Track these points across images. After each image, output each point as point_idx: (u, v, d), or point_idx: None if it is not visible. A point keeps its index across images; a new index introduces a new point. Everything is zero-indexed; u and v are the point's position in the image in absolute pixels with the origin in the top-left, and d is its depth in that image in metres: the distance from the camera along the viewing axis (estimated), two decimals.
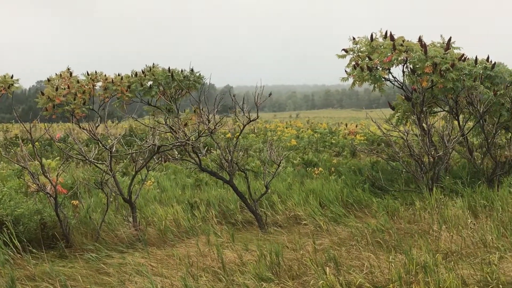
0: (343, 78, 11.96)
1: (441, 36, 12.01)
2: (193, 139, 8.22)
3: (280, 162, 9.15)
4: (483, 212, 8.56)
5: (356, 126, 20.66)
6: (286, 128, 23.51)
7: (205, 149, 9.02)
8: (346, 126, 22.53)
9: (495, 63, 11.53)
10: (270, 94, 8.93)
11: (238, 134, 9.54)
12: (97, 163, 8.28)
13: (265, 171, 9.28)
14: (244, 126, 8.97)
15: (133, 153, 8.47)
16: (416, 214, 8.52)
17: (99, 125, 12.96)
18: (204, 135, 8.32)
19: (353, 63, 11.71)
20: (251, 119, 8.86)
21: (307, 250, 6.97)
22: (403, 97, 12.06)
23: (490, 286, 5.42)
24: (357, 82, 11.66)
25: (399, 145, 11.14)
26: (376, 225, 7.76)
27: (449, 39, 11.54)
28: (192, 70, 18.78)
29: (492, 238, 6.93)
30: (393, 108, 12.54)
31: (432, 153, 9.97)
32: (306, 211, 9.04)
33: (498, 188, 9.76)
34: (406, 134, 10.28)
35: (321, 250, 6.90)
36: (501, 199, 8.90)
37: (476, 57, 11.65)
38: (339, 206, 9.23)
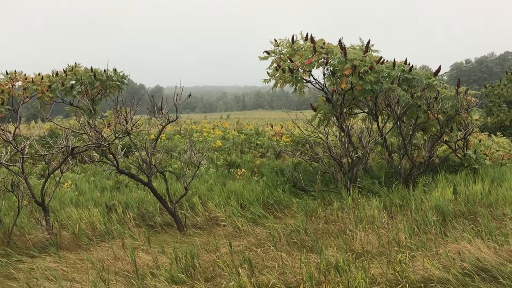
0: (265, 79, 12.01)
1: (360, 39, 12.25)
2: (110, 140, 8.03)
3: (199, 164, 9.06)
4: (399, 212, 8.77)
5: (282, 127, 20.83)
6: (213, 129, 23.43)
7: (123, 150, 8.80)
8: (272, 127, 22.69)
9: (412, 66, 11.85)
10: (189, 95, 8.82)
11: (158, 135, 9.40)
12: (9, 165, 7.96)
13: (185, 172, 9.17)
14: (163, 127, 8.84)
15: (45, 155, 8.16)
16: (333, 214, 8.65)
17: (18, 126, 12.49)
18: (120, 136, 8.14)
19: (275, 64, 11.78)
20: (170, 120, 8.75)
21: (224, 251, 6.94)
22: (325, 99, 12.21)
23: (400, 285, 5.53)
24: (279, 84, 11.71)
25: (323, 146, 11.27)
26: (294, 225, 7.82)
27: (368, 42, 11.78)
28: (115, 70, 18.43)
29: (405, 237, 7.10)
30: (315, 110, 12.68)
31: (351, 153, 10.14)
32: (226, 213, 9.01)
33: (413, 188, 10.04)
34: (326, 135, 10.43)
35: (238, 252, 6.88)
36: (416, 199, 9.16)
37: (394, 60, 11.93)
38: (259, 207, 9.25)
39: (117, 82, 18.10)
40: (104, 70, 18.23)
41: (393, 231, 7.35)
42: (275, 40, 12.04)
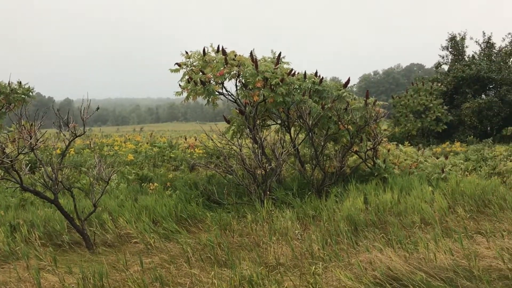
0: (177, 92, 11.82)
1: (272, 51, 12.33)
2: (13, 156, 7.62)
3: (109, 179, 8.77)
4: (312, 223, 8.82)
5: (196, 140, 20.65)
6: (125, 142, 22.93)
7: (28, 166, 8.38)
8: (186, 139, 22.47)
9: (322, 78, 12.05)
10: (97, 108, 8.53)
11: (64, 150, 9.03)
12: None
13: (93, 188, 8.85)
14: (70, 141, 8.50)
15: None
16: (248, 226, 8.59)
17: None
18: (25, 152, 7.76)
19: (187, 77, 11.63)
20: (78, 134, 8.43)
21: (135, 270, 6.72)
22: (238, 111, 12.19)
23: None
24: (191, 96, 11.57)
25: (236, 158, 11.22)
26: (207, 239, 7.69)
27: (279, 54, 11.87)
28: (20, 82, 17.66)
29: (318, 248, 7.13)
30: (228, 122, 12.64)
31: (265, 165, 10.15)
32: (138, 229, 8.75)
33: (326, 198, 10.16)
34: (240, 147, 10.39)
35: (150, 269, 6.68)
36: (328, 209, 9.26)
37: (305, 72, 12.09)
38: (172, 222, 9.06)
39: (22, 95, 17.33)
40: (8, 83, 17.42)
41: (306, 242, 7.36)
42: (186, 52, 11.91)
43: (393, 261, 6.33)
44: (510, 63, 32.25)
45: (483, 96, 31.04)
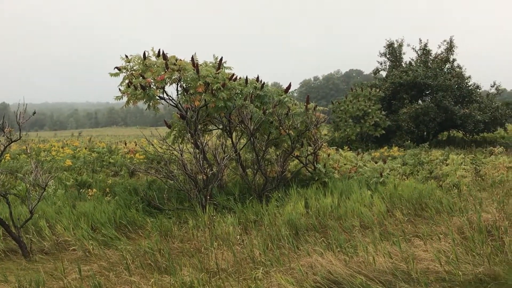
0: (117, 96, 11.60)
1: (213, 55, 12.30)
2: None
3: (46, 185, 8.53)
4: (253, 227, 8.81)
5: (136, 145, 20.38)
6: (63, 147, 22.37)
7: None
8: (126, 144, 22.14)
9: (264, 83, 12.09)
10: (34, 113, 8.31)
11: None
12: None
13: (30, 195, 8.59)
14: (6, 147, 8.23)
15: None
16: (189, 232, 8.51)
17: None
18: None
19: (127, 81, 11.44)
20: (13, 140, 8.17)
21: (73, 277, 6.55)
22: (179, 116, 12.08)
23: None
24: (132, 101, 11.39)
25: (178, 163, 11.11)
26: (147, 246, 7.58)
27: (221, 59, 11.85)
28: None
29: (259, 253, 7.13)
30: (169, 127, 12.51)
31: (206, 170, 10.09)
32: (76, 236, 8.54)
33: (267, 203, 10.17)
34: (181, 152, 10.30)
35: (89, 277, 6.53)
36: (269, 214, 9.27)
37: (246, 77, 12.11)
38: (111, 229, 8.88)
39: None
40: None
41: (247, 247, 7.35)
42: (126, 56, 11.73)
43: (334, 265, 6.39)
44: (445, 70, 33.23)
45: (420, 101, 31.89)
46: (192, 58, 11.55)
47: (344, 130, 28.82)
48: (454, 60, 33.98)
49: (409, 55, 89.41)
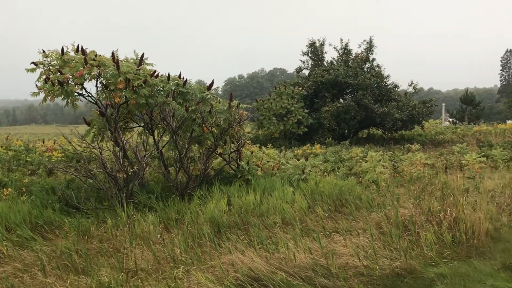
0: (34, 93, 11.14)
1: (134, 52, 12.08)
2: None
3: None
4: (175, 226, 8.72)
5: (54, 143, 19.80)
6: None
7: None
8: (44, 142, 21.45)
9: (186, 80, 11.97)
10: None
11: None
12: None
13: None
14: None
15: None
16: (108, 232, 8.32)
17: None
18: None
19: (44, 77, 11.03)
20: None
21: None
22: (99, 113, 11.78)
23: None
24: (49, 97, 10.97)
25: (98, 162, 10.83)
26: (64, 246, 7.35)
27: (142, 56, 11.64)
28: None
29: (180, 252, 7.05)
30: (88, 124, 12.15)
31: (126, 169, 9.90)
32: None
33: (189, 201, 10.09)
34: (100, 150, 10.05)
35: (2, 279, 6.27)
36: (192, 212, 9.19)
37: (168, 74, 11.95)
38: (26, 229, 8.55)
39: None
40: None
41: (168, 246, 7.26)
42: (44, 51, 11.31)
43: (255, 262, 6.40)
44: (365, 69, 34.08)
45: (341, 100, 32.59)
46: (113, 53, 11.27)
47: (268, 128, 29.09)
48: (373, 59, 34.97)
49: (330, 54, 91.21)
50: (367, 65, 34.42)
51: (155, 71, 11.54)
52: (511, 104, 69.74)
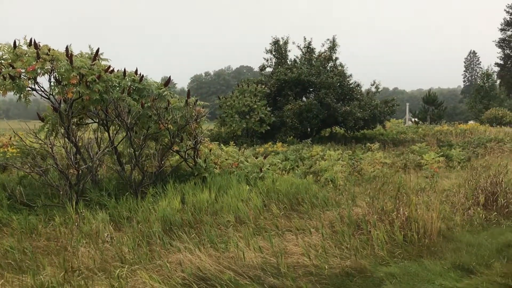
0: None
1: (89, 46, 11.86)
2: None
3: None
4: (126, 224, 8.58)
5: (10, 138, 19.33)
6: None
7: None
8: None
9: (142, 76, 11.81)
10: None
11: None
12: None
13: None
14: None
15: None
16: (56, 230, 8.15)
17: None
18: None
19: None
20: None
21: None
22: (52, 108, 11.53)
23: None
24: (1, 92, 10.70)
25: (51, 159, 10.61)
26: (8, 244, 7.17)
27: (97, 50, 11.43)
28: None
29: (128, 250, 6.94)
30: (42, 120, 11.90)
31: (79, 165, 9.72)
32: None
33: (143, 199, 9.95)
34: (51, 146, 9.85)
35: None
36: (144, 210, 9.07)
37: (124, 69, 11.78)
38: None
39: None
40: None
41: (116, 245, 7.14)
42: None
43: (203, 261, 6.34)
44: (328, 68, 34.24)
45: (304, 98, 32.65)
46: (67, 48, 11.03)
47: (230, 126, 29.02)
48: (336, 58, 35.14)
49: (294, 53, 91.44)
50: (330, 64, 34.56)
51: (109, 67, 11.33)
52: (473, 105, 70.99)
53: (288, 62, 35.27)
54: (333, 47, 34.80)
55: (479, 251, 7.45)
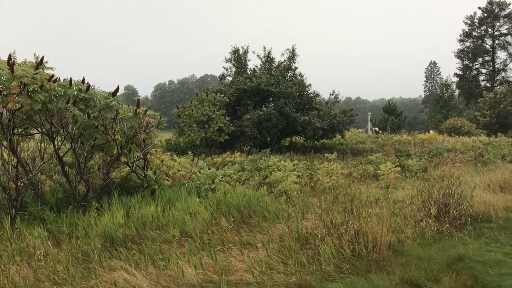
0: None
1: (34, 54, 11.46)
2: None
3: None
4: (66, 241, 8.19)
5: None
6: None
7: None
8: None
9: (89, 85, 11.44)
10: None
11: None
12: None
13: None
14: None
15: None
16: None
17: None
18: None
19: None
20: None
21: None
22: None
23: None
24: None
25: None
26: None
27: (42, 59, 11.02)
28: None
29: (62, 269, 6.60)
30: None
31: (19, 178, 9.30)
32: None
33: (86, 212, 9.56)
34: None
35: None
36: (85, 225, 8.69)
37: (71, 78, 11.39)
38: None
39: None
40: None
41: (49, 263, 6.79)
42: None
43: (139, 281, 6.05)
44: (288, 77, 34.27)
45: (264, 108, 32.60)
46: (9, 56, 10.62)
47: (188, 135, 28.74)
48: (296, 68, 35.24)
49: (254, 62, 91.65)
50: (289, 74, 34.69)
51: (53, 75, 10.91)
52: (432, 115, 72.09)
53: (248, 72, 35.24)
54: (292, 56, 34.93)
55: (429, 265, 7.33)
